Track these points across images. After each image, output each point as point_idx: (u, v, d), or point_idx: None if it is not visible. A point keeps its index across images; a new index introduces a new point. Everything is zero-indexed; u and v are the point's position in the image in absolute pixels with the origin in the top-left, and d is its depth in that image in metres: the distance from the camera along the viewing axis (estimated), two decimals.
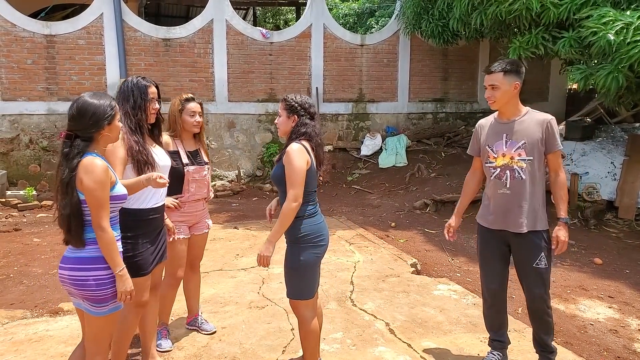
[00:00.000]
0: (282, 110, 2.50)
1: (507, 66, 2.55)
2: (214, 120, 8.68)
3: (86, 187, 1.93)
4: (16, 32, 7.64)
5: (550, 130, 2.55)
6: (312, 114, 2.49)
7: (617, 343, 3.26)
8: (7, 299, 3.82)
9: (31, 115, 7.84)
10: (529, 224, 2.57)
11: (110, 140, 2.09)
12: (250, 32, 8.75)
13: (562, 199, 2.57)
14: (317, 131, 2.49)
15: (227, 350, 2.97)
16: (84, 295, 2.01)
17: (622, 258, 4.98)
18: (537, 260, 2.57)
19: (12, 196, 7.11)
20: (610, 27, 4.72)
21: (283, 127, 2.50)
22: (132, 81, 2.57)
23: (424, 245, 5.38)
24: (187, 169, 2.95)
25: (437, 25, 7.81)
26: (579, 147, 7.01)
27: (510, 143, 2.60)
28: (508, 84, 2.54)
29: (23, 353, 2.91)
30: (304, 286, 2.46)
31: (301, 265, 2.42)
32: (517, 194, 2.58)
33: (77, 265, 1.99)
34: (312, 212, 2.47)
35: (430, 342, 3.10)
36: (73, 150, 1.95)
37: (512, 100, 2.60)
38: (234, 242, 5.31)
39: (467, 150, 2.93)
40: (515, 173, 2.58)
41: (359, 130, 9.57)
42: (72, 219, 1.96)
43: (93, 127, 1.98)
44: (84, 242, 1.99)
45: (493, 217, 2.68)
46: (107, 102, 2.03)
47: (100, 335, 2.08)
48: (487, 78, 2.61)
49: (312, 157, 2.43)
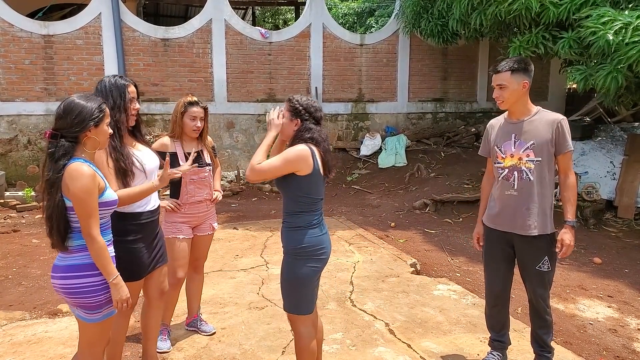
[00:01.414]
0: (285, 111, 2.34)
1: (515, 65, 2.50)
2: (213, 120, 8.66)
3: (73, 195, 1.88)
4: (14, 32, 7.63)
5: (560, 130, 2.48)
6: (318, 119, 2.32)
7: (617, 342, 3.26)
8: (6, 300, 3.81)
9: (29, 115, 7.82)
10: (538, 226, 2.53)
11: (96, 144, 2.00)
12: (249, 32, 8.74)
13: (571, 202, 2.51)
14: (323, 136, 2.31)
15: (226, 351, 2.96)
16: (77, 302, 1.98)
17: (621, 257, 4.98)
18: (540, 263, 2.54)
19: (10, 197, 7.08)
20: (609, 27, 4.72)
21: (285, 129, 2.32)
22: (109, 80, 2.43)
23: (424, 245, 5.37)
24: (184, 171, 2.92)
25: (437, 24, 7.80)
26: (579, 146, 7.01)
27: (519, 143, 2.55)
28: (516, 83, 2.50)
29: (22, 355, 2.90)
30: (300, 301, 2.31)
31: (298, 278, 2.27)
32: (524, 196, 2.54)
33: (68, 273, 1.95)
34: (315, 223, 2.29)
35: (430, 342, 3.09)
36: (58, 150, 1.90)
37: (522, 100, 2.55)
38: (233, 242, 5.31)
39: (479, 151, 2.89)
40: (523, 174, 2.54)
41: (358, 130, 9.57)
42: (54, 222, 1.91)
43: (77, 127, 1.92)
44: (68, 247, 1.95)
45: (500, 219, 2.64)
46: (96, 104, 1.97)
47: (94, 341, 2.05)
48: (494, 78, 2.56)
49: (318, 161, 2.25)
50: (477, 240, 2.85)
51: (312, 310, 2.36)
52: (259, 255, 4.84)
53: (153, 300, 2.62)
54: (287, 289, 2.32)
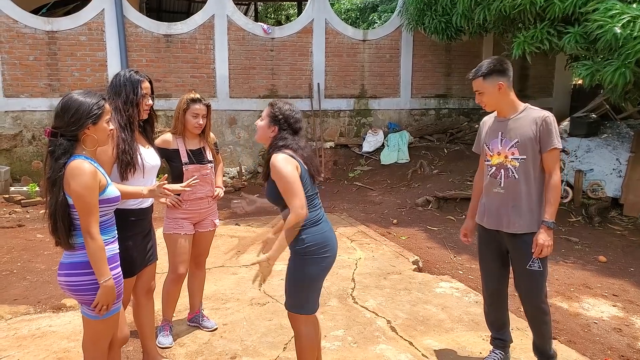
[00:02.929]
0: (265, 115, 2.30)
1: (484, 70, 2.49)
2: (215, 116, 8.66)
3: (73, 192, 1.87)
4: (18, 28, 7.64)
5: (544, 127, 2.45)
6: (296, 130, 2.28)
7: (621, 342, 3.23)
8: (11, 294, 3.83)
9: (34, 111, 7.84)
10: (524, 225, 2.50)
11: (95, 142, 1.96)
12: (252, 28, 8.71)
13: (550, 202, 2.46)
14: (301, 144, 2.27)
15: (228, 347, 2.96)
16: (81, 299, 1.99)
17: (626, 256, 4.94)
18: (530, 262, 2.51)
19: (15, 192, 7.12)
20: (617, 20, 4.65)
21: (261, 132, 2.30)
22: (124, 75, 2.45)
23: (426, 242, 5.35)
24: (186, 167, 2.92)
25: (441, 21, 7.73)
26: (584, 143, 6.96)
27: (504, 141, 2.55)
28: (491, 87, 2.49)
29: (26, 348, 2.91)
30: (304, 300, 2.28)
31: (303, 278, 2.25)
32: (510, 194, 2.53)
33: (71, 270, 1.96)
34: (317, 219, 2.26)
35: (431, 340, 3.08)
36: (58, 149, 1.88)
37: (504, 100, 2.54)
38: (235, 238, 5.30)
39: (473, 148, 2.90)
40: (509, 172, 2.53)
41: (360, 126, 9.53)
42: (57, 220, 1.91)
43: (74, 125, 1.89)
44: (73, 245, 1.95)
45: (487, 217, 2.65)
46: (94, 101, 1.93)
47: (98, 338, 2.06)
48: (472, 84, 2.57)
49: (299, 161, 2.22)
50: (465, 235, 2.87)
51: (314, 311, 2.35)
52: (261, 252, 4.82)
53: (141, 299, 2.62)
54: (292, 288, 2.30)
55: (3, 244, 5.10)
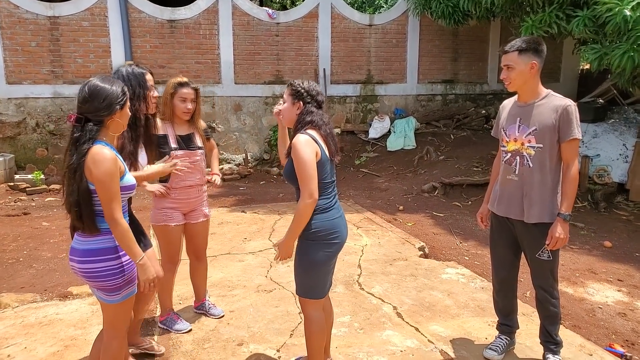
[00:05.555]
0: (287, 96, 2.33)
1: (523, 44, 2.41)
2: (220, 103, 8.63)
3: (96, 179, 1.88)
4: (19, 13, 7.58)
5: (565, 116, 2.38)
6: (320, 102, 2.32)
7: (626, 326, 3.24)
8: (18, 282, 3.87)
9: (37, 98, 7.82)
10: (536, 215, 2.47)
11: (119, 126, 2.03)
12: (257, 13, 8.61)
13: (567, 194, 2.42)
14: (325, 120, 2.31)
15: (235, 333, 2.99)
16: (95, 285, 2.01)
17: (632, 241, 4.93)
18: (539, 252, 2.50)
19: (20, 180, 7.15)
20: (627, 3, 4.58)
21: (287, 114, 2.33)
22: (126, 70, 2.41)
23: (432, 228, 5.35)
24: (175, 153, 2.81)
25: (447, 5, 7.61)
26: (591, 128, 6.88)
27: (522, 128, 2.50)
28: (524, 63, 2.42)
29: (33, 336, 2.94)
30: (313, 285, 2.31)
31: (310, 263, 2.27)
32: (524, 182, 2.50)
33: (86, 257, 1.97)
34: (327, 207, 2.27)
35: (437, 325, 3.09)
36: (85, 135, 1.90)
37: (530, 82, 2.46)
38: (241, 225, 5.32)
39: (492, 132, 2.85)
40: (525, 160, 2.49)
41: (367, 112, 9.47)
42: (81, 207, 1.92)
43: (105, 110, 1.92)
44: (99, 229, 1.97)
45: (498, 204, 2.63)
46: (119, 87, 1.99)
47: (116, 320, 2.10)
48: (503, 58, 2.50)
49: (322, 146, 2.24)
50: (482, 220, 2.84)
51: (323, 295, 2.37)
52: (267, 239, 4.85)
53: None
54: (300, 273, 2.33)
55: (9, 232, 5.14)
